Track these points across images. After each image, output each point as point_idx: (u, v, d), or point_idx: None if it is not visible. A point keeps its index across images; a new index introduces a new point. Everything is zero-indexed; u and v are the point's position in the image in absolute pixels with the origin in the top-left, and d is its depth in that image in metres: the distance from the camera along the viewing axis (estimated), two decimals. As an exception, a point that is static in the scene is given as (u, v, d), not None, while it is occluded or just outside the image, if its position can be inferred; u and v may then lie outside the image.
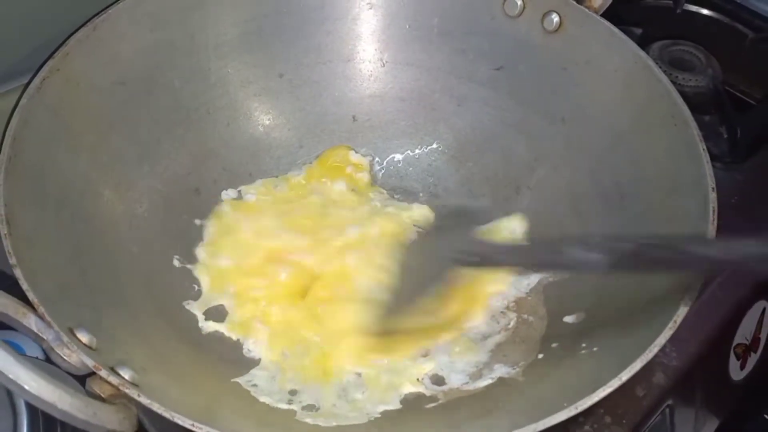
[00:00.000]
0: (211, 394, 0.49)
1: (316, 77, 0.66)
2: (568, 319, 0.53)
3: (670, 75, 0.68)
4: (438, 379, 0.53)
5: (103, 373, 0.40)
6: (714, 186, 0.49)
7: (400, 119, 0.67)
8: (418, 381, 0.53)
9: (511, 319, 0.56)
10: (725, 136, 0.71)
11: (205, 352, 0.53)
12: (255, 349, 0.54)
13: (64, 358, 0.41)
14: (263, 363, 0.53)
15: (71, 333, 0.41)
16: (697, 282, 0.45)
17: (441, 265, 0.53)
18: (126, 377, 0.41)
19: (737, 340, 0.63)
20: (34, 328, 0.41)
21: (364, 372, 0.53)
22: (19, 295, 0.42)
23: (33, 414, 0.47)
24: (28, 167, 0.49)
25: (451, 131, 0.66)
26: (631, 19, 0.70)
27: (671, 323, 0.43)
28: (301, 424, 0.49)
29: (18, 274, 0.42)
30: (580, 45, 0.60)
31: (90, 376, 0.41)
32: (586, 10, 0.60)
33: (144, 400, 0.39)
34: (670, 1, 0.80)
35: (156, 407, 0.39)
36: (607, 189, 0.57)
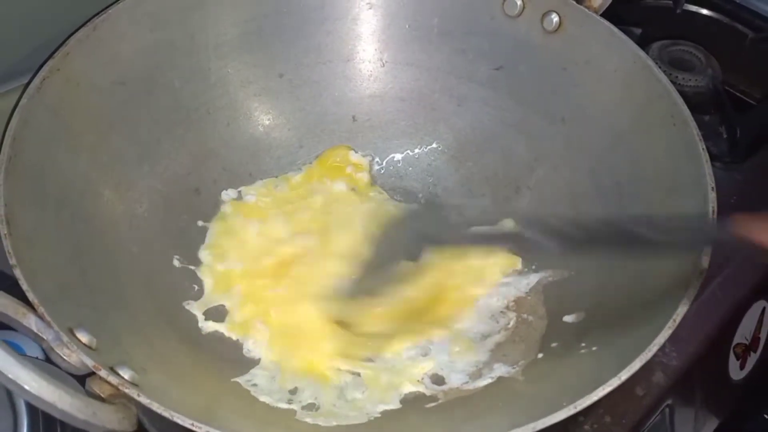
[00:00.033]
0: (211, 394, 0.49)
1: (316, 77, 0.66)
2: (567, 318, 0.53)
3: (669, 75, 0.68)
4: (438, 379, 0.53)
5: (103, 373, 0.40)
6: (713, 186, 0.49)
7: (400, 119, 0.67)
8: (418, 381, 0.53)
9: (510, 319, 0.56)
10: (725, 136, 0.71)
11: (205, 352, 0.53)
12: (255, 348, 0.54)
13: (64, 358, 0.41)
14: (263, 363, 0.53)
15: (71, 333, 0.41)
16: (696, 281, 0.45)
17: (414, 244, 0.55)
18: (126, 377, 0.41)
19: (737, 339, 0.63)
20: (34, 328, 0.41)
21: (363, 372, 0.53)
22: (19, 295, 0.42)
23: (33, 414, 0.47)
24: (28, 167, 0.49)
25: (450, 131, 0.66)
26: (630, 19, 0.70)
27: (670, 322, 0.43)
28: (301, 424, 0.49)
29: (18, 274, 0.42)
30: (579, 45, 0.60)
31: (90, 376, 0.41)
32: (586, 10, 0.60)
33: (144, 400, 0.39)
34: (670, 1, 0.80)
35: (156, 407, 0.39)
36: (606, 189, 0.57)
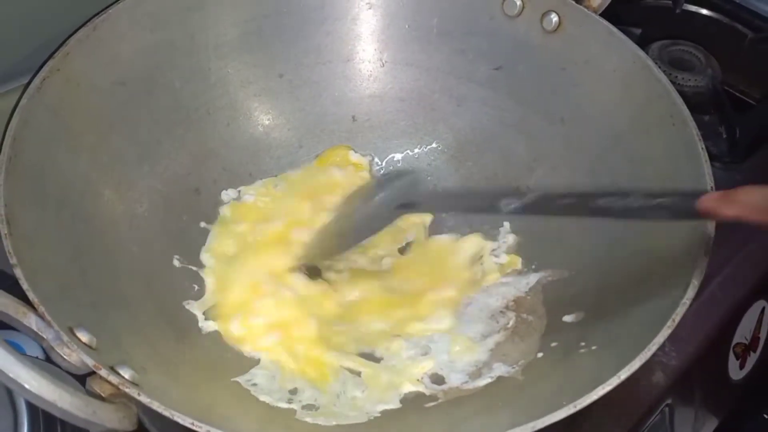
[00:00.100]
0: (211, 394, 0.49)
1: (316, 77, 0.66)
2: (567, 318, 0.53)
3: (669, 75, 0.68)
4: (438, 379, 0.53)
5: (103, 372, 0.40)
6: (713, 186, 0.49)
7: (400, 119, 0.67)
8: (417, 380, 0.53)
9: (510, 319, 0.56)
10: (724, 136, 0.71)
11: (205, 352, 0.53)
12: (254, 349, 0.54)
13: (64, 357, 0.41)
14: (263, 362, 0.53)
15: (71, 332, 0.41)
16: (696, 280, 0.45)
17: (385, 210, 0.57)
18: (126, 376, 0.41)
19: (736, 339, 0.63)
20: (35, 328, 0.41)
21: (363, 371, 0.53)
22: (20, 295, 0.42)
23: (33, 413, 0.47)
24: (28, 167, 0.49)
25: (450, 131, 0.66)
26: (630, 19, 0.70)
27: (670, 322, 0.43)
28: (301, 423, 0.49)
29: (18, 273, 0.42)
30: (579, 45, 0.60)
31: (90, 375, 0.41)
32: (585, 10, 0.60)
33: (144, 399, 0.39)
34: (670, 1, 0.80)
35: (156, 406, 0.39)
36: (606, 189, 0.57)
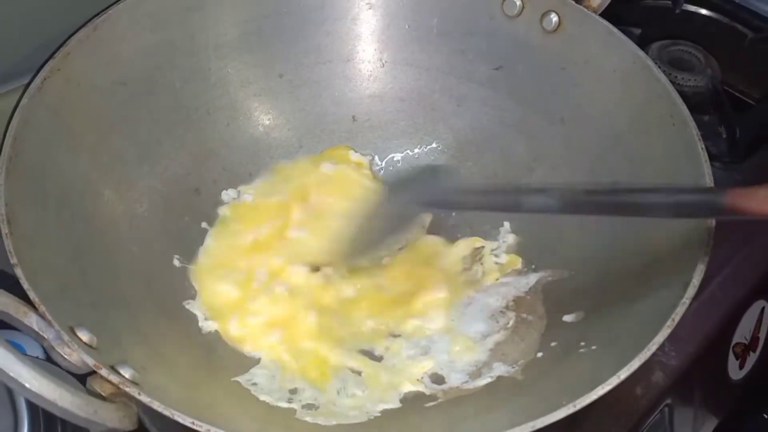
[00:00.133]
0: (211, 393, 0.49)
1: (316, 77, 0.66)
2: (567, 318, 0.53)
3: (669, 75, 0.68)
4: (437, 378, 0.53)
5: (104, 371, 0.40)
6: (713, 185, 0.49)
7: (400, 119, 0.67)
8: (417, 380, 0.53)
9: (510, 318, 0.56)
10: (724, 136, 0.71)
11: (205, 351, 0.53)
12: (254, 348, 0.54)
13: (65, 356, 0.41)
14: (263, 362, 0.53)
15: (72, 332, 0.41)
16: (696, 280, 0.45)
17: (406, 211, 0.56)
18: (126, 376, 0.41)
19: (736, 339, 0.63)
20: (35, 327, 0.41)
21: (364, 371, 0.53)
22: (20, 295, 0.42)
23: (34, 412, 0.47)
24: (28, 167, 0.49)
25: (450, 131, 0.66)
26: (630, 19, 0.70)
27: (669, 322, 0.43)
28: (301, 423, 0.49)
29: (19, 273, 0.42)
30: (579, 45, 0.60)
31: (91, 374, 0.41)
32: (585, 10, 0.60)
33: (144, 399, 0.39)
34: (669, 1, 0.80)
35: (156, 405, 0.39)
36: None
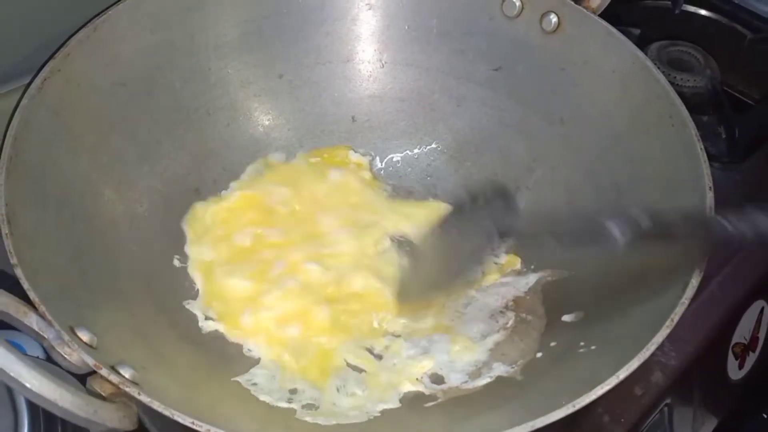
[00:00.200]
0: (211, 393, 0.49)
1: (316, 78, 0.66)
2: (566, 318, 0.53)
3: (668, 75, 0.68)
4: (437, 378, 0.53)
5: (104, 371, 0.40)
6: (711, 186, 0.49)
7: (400, 119, 0.67)
8: (417, 380, 0.53)
9: (509, 318, 0.56)
10: (723, 137, 0.71)
11: (205, 351, 0.53)
12: (255, 348, 0.54)
13: (65, 356, 0.41)
14: (263, 362, 0.53)
15: (72, 332, 0.41)
16: (695, 280, 0.45)
17: (481, 239, 0.51)
18: (126, 376, 0.41)
19: (735, 339, 0.63)
20: (35, 327, 0.41)
21: (367, 369, 0.53)
22: (20, 295, 0.42)
23: (34, 412, 0.47)
24: (29, 167, 0.49)
25: (450, 131, 0.67)
26: (629, 20, 0.70)
27: (668, 321, 0.43)
28: (301, 423, 0.49)
29: (19, 273, 0.42)
30: (578, 45, 0.60)
31: (91, 374, 0.41)
32: (585, 11, 0.60)
33: (144, 399, 0.39)
34: (669, 2, 0.80)
35: (156, 405, 0.39)
36: (605, 189, 0.57)
